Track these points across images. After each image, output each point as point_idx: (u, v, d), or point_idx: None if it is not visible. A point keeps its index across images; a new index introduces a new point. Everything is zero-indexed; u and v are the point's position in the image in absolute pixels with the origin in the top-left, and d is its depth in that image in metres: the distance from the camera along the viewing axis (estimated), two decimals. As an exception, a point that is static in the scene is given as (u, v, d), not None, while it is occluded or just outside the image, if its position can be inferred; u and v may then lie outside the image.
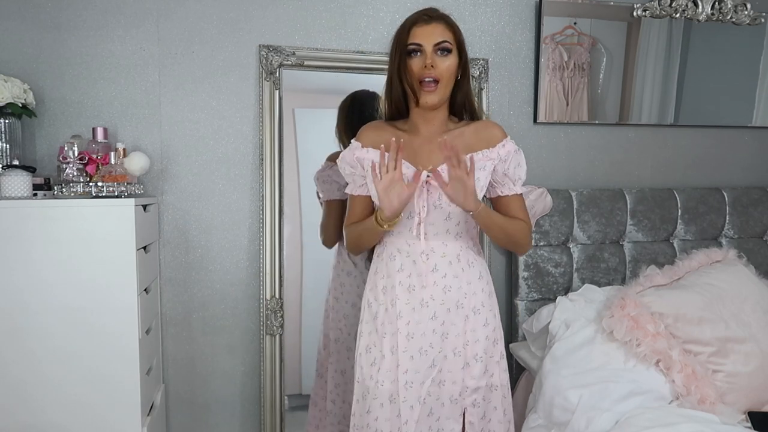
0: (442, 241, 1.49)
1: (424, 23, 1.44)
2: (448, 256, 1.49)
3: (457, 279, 1.49)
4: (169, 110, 2.04)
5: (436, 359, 1.49)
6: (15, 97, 1.73)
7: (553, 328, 2.02)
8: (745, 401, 1.82)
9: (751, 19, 2.44)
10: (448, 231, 1.49)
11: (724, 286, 1.99)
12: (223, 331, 2.12)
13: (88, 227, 1.59)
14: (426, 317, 1.49)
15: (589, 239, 2.29)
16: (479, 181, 1.46)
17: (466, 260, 1.51)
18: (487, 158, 1.48)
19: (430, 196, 1.46)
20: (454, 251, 1.50)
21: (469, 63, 1.52)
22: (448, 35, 1.45)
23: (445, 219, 1.48)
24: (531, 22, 2.30)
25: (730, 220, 2.44)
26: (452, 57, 1.45)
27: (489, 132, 1.52)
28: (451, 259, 1.50)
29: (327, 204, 2.09)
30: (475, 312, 1.51)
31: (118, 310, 1.62)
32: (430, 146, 1.48)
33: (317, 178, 2.11)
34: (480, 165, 1.47)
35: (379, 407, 1.49)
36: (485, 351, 1.51)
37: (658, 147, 2.48)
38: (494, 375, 1.54)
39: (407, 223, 1.49)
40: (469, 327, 1.51)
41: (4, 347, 1.58)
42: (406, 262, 1.50)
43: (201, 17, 2.03)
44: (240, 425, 2.16)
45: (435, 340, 1.49)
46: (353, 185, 1.58)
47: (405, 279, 1.49)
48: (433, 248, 1.49)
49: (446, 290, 1.49)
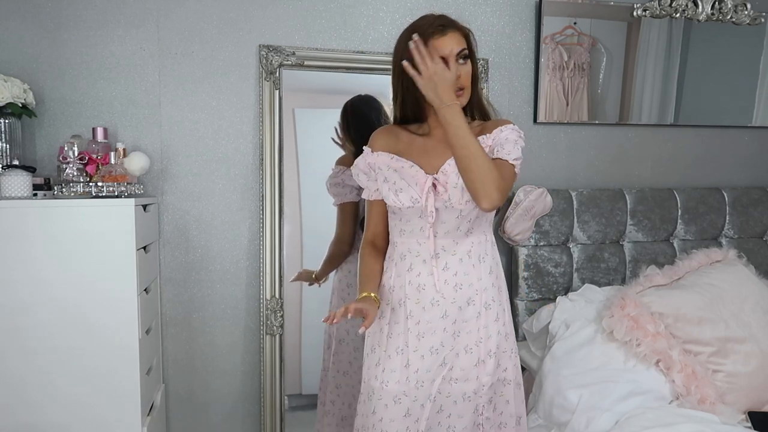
0: (453, 239, 1.49)
1: (440, 34, 1.42)
2: (458, 254, 1.49)
3: (467, 276, 1.49)
4: (169, 110, 2.04)
5: (447, 357, 1.49)
6: (15, 97, 1.73)
7: (553, 328, 2.02)
8: (745, 401, 1.82)
9: (751, 19, 2.44)
10: (459, 228, 1.48)
11: (724, 286, 1.99)
12: (223, 331, 2.12)
13: (88, 227, 1.59)
14: (437, 316, 1.48)
15: (589, 239, 2.29)
16: None
17: (477, 256, 1.50)
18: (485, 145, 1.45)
19: (440, 196, 1.45)
20: (465, 248, 1.49)
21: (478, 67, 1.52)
22: (464, 42, 1.45)
23: (457, 217, 1.47)
24: (531, 22, 2.30)
25: (730, 220, 2.44)
26: (469, 62, 1.46)
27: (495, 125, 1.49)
28: (462, 257, 1.49)
29: (341, 207, 2.09)
30: (487, 308, 1.50)
31: (118, 309, 1.62)
32: (443, 146, 1.48)
33: (329, 184, 2.10)
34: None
35: (383, 408, 1.48)
36: (498, 346, 1.51)
37: (658, 147, 2.48)
38: (507, 369, 1.54)
39: (418, 223, 1.48)
40: (481, 324, 1.49)
41: (4, 347, 1.58)
42: (416, 262, 1.49)
43: (201, 17, 2.03)
44: (240, 425, 2.16)
45: (446, 339, 1.49)
46: (368, 191, 1.58)
47: (414, 278, 1.49)
48: (444, 246, 1.48)
49: (457, 288, 1.48)
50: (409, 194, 1.45)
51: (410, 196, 1.45)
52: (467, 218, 1.48)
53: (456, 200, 1.43)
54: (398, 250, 1.53)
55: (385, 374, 1.48)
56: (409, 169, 1.47)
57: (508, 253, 2.32)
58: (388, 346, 1.50)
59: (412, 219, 1.49)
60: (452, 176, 1.43)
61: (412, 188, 1.45)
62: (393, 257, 1.54)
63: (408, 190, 1.46)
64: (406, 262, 1.50)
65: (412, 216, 1.48)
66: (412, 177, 1.46)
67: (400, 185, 1.47)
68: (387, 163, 1.50)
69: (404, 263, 1.51)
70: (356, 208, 2.06)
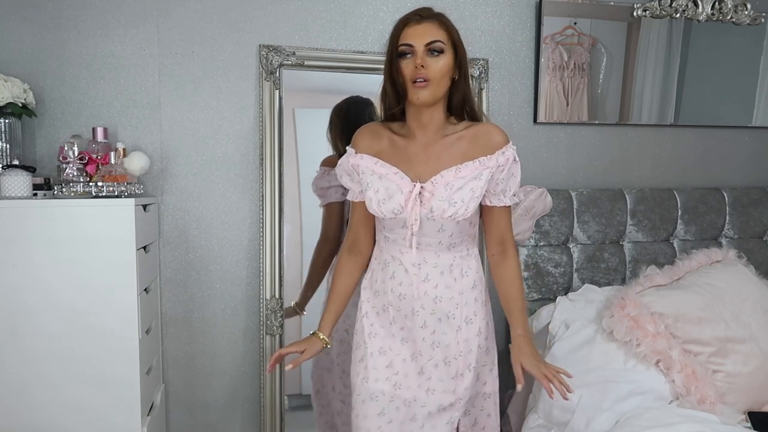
0: (434, 252, 1.46)
1: (416, 23, 1.39)
2: (440, 267, 1.47)
3: (448, 289, 1.47)
4: (169, 110, 2.04)
5: (425, 367, 1.48)
6: (15, 97, 1.73)
7: (553, 328, 2.02)
8: (745, 401, 1.82)
9: (751, 19, 2.44)
10: (441, 242, 1.46)
11: (724, 286, 1.99)
12: (223, 331, 2.12)
13: (88, 227, 1.59)
14: (417, 325, 1.48)
15: (589, 239, 2.29)
16: (474, 192, 1.41)
17: (459, 270, 1.48)
18: (485, 167, 1.42)
19: (422, 207, 1.41)
20: (446, 262, 1.47)
21: (467, 62, 1.45)
22: (440, 34, 1.38)
23: (438, 231, 1.44)
24: (531, 22, 2.30)
25: (730, 220, 2.44)
26: (445, 57, 1.38)
27: (489, 138, 1.44)
28: (443, 270, 1.47)
29: (327, 208, 2.09)
30: (468, 322, 1.48)
31: (118, 310, 1.62)
32: (426, 153, 1.45)
33: (314, 186, 2.10)
34: (475, 174, 1.42)
35: (360, 404, 1.50)
36: (477, 360, 1.50)
37: (658, 147, 2.48)
38: (487, 383, 1.55)
39: (401, 232, 1.46)
40: (462, 337, 1.48)
41: (4, 347, 1.58)
42: (398, 270, 1.48)
43: (201, 17, 2.03)
44: (240, 425, 2.16)
45: (425, 348, 1.48)
46: (352, 192, 1.57)
47: (396, 287, 1.48)
48: (425, 258, 1.46)
49: (437, 300, 1.47)
50: (392, 205, 1.42)
51: (392, 207, 1.42)
52: (448, 232, 1.45)
53: (438, 213, 1.40)
54: (383, 255, 1.53)
55: (367, 371, 1.50)
56: (393, 176, 1.44)
57: (508, 253, 2.32)
58: (371, 344, 1.51)
59: (395, 228, 1.47)
60: (440, 189, 1.41)
61: (396, 196, 1.42)
62: (379, 260, 1.54)
63: (391, 200, 1.42)
64: (389, 269, 1.50)
65: (395, 225, 1.47)
66: (397, 185, 1.43)
67: (383, 195, 1.44)
68: (371, 168, 1.47)
69: (388, 270, 1.50)
70: (342, 207, 2.06)
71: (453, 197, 1.40)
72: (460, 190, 1.40)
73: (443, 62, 1.39)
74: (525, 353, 1.46)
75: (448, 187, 1.40)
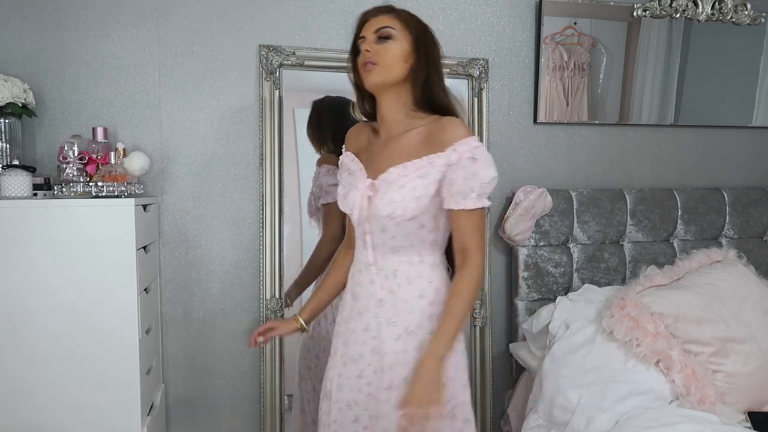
0: (381, 253, 1.41)
1: (372, 17, 1.41)
2: (385, 270, 1.41)
3: (392, 295, 1.40)
4: (169, 110, 2.04)
5: (364, 371, 1.44)
6: (15, 97, 1.73)
7: (553, 328, 2.02)
8: (745, 401, 1.82)
9: (751, 19, 2.44)
10: (385, 244, 1.40)
11: (724, 286, 1.99)
12: (223, 331, 2.12)
13: (88, 227, 1.59)
14: (360, 327, 1.45)
15: (589, 239, 2.29)
16: (414, 191, 1.34)
17: (405, 277, 1.40)
18: (432, 165, 1.34)
19: (371, 204, 1.38)
20: (391, 265, 1.41)
21: (438, 56, 1.42)
22: (390, 22, 1.38)
23: (381, 231, 1.39)
24: (531, 22, 2.30)
25: (730, 220, 2.43)
26: (394, 43, 1.36)
27: (445, 133, 1.35)
28: (388, 274, 1.41)
29: (326, 207, 2.09)
30: (408, 333, 1.39)
31: (118, 310, 1.62)
32: (386, 149, 1.42)
33: (321, 183, 2.09)
34: (421, 172, 1.34)
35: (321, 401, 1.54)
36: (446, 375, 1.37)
37: (658, 147, 2.48)
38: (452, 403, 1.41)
39: (359, 230, 1.44)
40: (399, 347, 1.39)
41: (4, 347, 1.58)
42: (356, 270, 1.48)
43: (201, 17, 2.03)
44: (240, 425, 2.16)
45: (365, 352, 1.43)
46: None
47: (352, 286, 1.49)
48: (376, 259, 1.42)
49: (381, 304, 1.41)
50: (349, 202, 1.42)
51: (349, 204, 1.42)
52: (390, 234, 1.38)
53: (379, 211, 1.35)
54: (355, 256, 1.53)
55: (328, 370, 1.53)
56: (358, 173, 1.44)
57: (508, 254, 2.32)
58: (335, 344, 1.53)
59: (356, 226, 1.46)
60: (384, 186, 1.36)
61: (352, 193, 1.42)
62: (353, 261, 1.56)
63: (348, 197, 1.43)
64: (353, 269, 1.51)
65: (355, 223, 1.46)
66: (356, 182, 1.43)
67: (343, 191, 1.46)
68: (347, 165, 1.49)
69: (352, 270, 1.51)
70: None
71: (393, 196, 1.34)
72: (402, 189, 1.34)
73: (393, 47, 1.37)
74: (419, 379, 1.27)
75: (391, 186, 1.36)
